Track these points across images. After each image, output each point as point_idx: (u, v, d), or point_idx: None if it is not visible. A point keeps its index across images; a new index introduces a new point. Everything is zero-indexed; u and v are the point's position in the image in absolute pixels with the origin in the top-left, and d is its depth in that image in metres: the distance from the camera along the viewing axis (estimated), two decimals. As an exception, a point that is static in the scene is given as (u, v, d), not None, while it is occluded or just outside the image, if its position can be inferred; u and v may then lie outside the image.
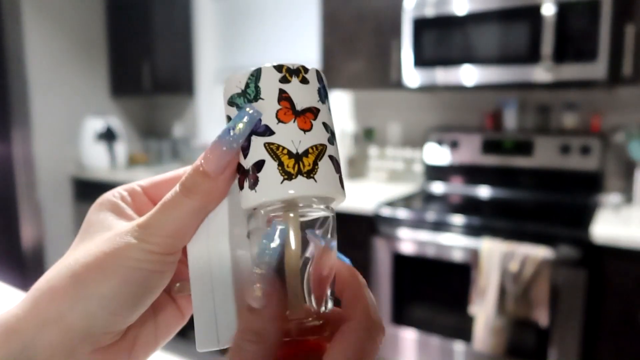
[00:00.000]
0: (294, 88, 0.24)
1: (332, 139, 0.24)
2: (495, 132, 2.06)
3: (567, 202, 1.90)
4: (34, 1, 2.68)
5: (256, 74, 0.24)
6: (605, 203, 1.78)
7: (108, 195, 0.27)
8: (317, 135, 0.24)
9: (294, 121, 0.23)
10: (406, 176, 2.36)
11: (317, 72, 0.25)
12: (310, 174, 0.23)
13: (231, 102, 0.24)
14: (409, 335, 1.82)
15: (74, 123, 2.89)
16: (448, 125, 2.25)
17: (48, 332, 0.22)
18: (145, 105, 3.32)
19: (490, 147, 2.06)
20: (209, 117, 3.07)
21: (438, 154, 2.18)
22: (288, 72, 0.24)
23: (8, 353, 0.22)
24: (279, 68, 0.24)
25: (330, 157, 0.24)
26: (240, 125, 0.23)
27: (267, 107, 0.23)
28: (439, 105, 2.29)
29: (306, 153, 0.23)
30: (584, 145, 1.87)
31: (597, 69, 1.59)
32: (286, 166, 0.23)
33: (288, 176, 0.23)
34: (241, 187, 0.24)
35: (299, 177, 0.23)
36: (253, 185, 0.23)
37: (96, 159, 2.89)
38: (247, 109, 0.23)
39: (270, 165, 0.23)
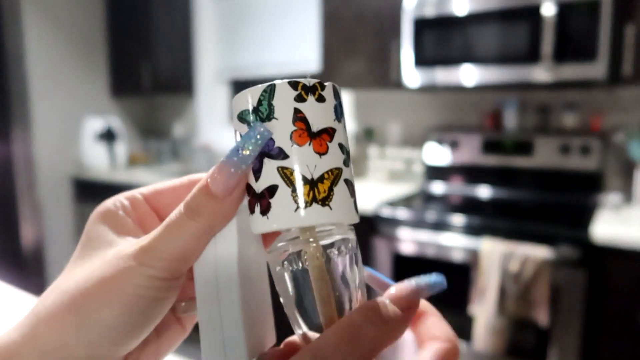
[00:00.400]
0: (310, 107, 0.22)
1: (347, 160, 0.23)
2: (495, 132, 2.06)
3: (567, 202, 1.90)
4: (34, 1, 2.68)
5: (270, 91, 0.22)
6: (605, 203, 1.78)
7: (108, 205, 0.26)
8: (333, 159, 0.22)
9: (310, 144, 0.22)
10: (406, 176, 2.36)
11: (334, 87, 0.24)
12: (325, 201, 0.22)
13: (241, 119, 0.23)
14: (408, 335, 1.82)
15: (74, 123, 2.90)
16: (448, 125, 2.25)
17: None
18: (145, 105, 3.33)
19: (490, 147, 2.06)
20: (209, 117, 3.07)
21: (438, 154, 2.18)
22: (304, 90, 0.22)
23: None
24: (294, 85, 0.22)
25: (346, 180, 0.23)
26: (250, 146, 0.22)
27: (281, 128, 0.22)
28: (439, 105, 2.29)
29: (322, 179, 0.22)
30: (584, 145, 1.87)
31: (597, 69, 1.59)
32: (300, 193, 0.22)
33: (302, 204, 0.21)
34: (252, 211, 0.22)
35: (314, 204, 0.22)
36: (265, 211, 0.22)
37: (96, 159, 2.89)
38: (258, 128, 0.22)
39: (284, 191, 0.22)
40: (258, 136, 0.22)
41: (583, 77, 1.62)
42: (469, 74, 1.83)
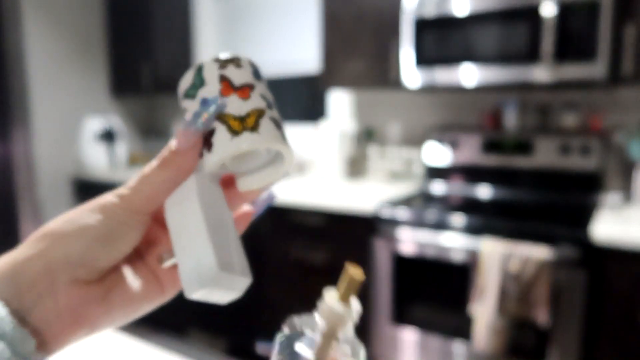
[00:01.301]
0: (230, 71, 0.29)
1: (271, 105, 0.29)
2: (495, 132, 2.06)
3: (567, 202, 1.90)
4: (34, 1, 2.68)
5: (200, 67, 0.29)
6: (605, 203, 1.78)
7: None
8: (256, 102, 0.29)
9: (234, 93, 0.28)
10: (406, 176, 2.36)
11: (250, 61, 0.30)
12: (254, 129, 0.28)
13: (186, 95, 0.29)
14: (409, 335, 1.82)
15: (74, 123, 2.90)
16: (448, 125, 2.25)
17: (33, 261, 0.26)
18: (145, 105, 3.33)
19: (490, 147, 2.06)
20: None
21: (438, 154, 2.18)
22: (224, 61, 0.29)
23: (1, 276, 0.26)
24: (216, 60, 0.29)
25: (272, 118, 0.29)
26: (206, 114, 0.28)
27: (212, 89, 0.28)
28: (439, 105, 2.29)
29: (248, 115, 0.28)
30: (584, 145, 1.87)
31: (597, 69, 1.59)
32: (233, 126, 0.28)
33: (235, 134, 0.27)
34: (201, 155, 0.29)
35: (245, 132, 0.28)
36: (209, 149, 0.28)
37: (96, 159, 2.89)
38: (214, 101, 0.28)
39: (220, 130, 0.28)
40: (215, 105, 0.28)
41: (583, 77, 1.62)
42: (469, 74, 1.83)
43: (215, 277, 0.26)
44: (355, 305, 0.27)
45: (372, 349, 1.91)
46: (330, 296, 0.27)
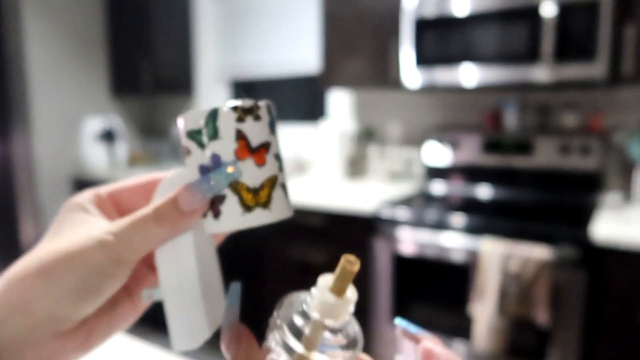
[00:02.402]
0: (248, 126, 0.26)
1: (281, 166, 0.28)
2: (495, 132, 2.06)
3: (567, 202, 1.90)
4: (34, 1, 2.68)
5: (214, 114, 0.26)
6: (605, 203, 1.78)
7: (77, 200, 0.29)
8: (270, 168, 0.27)
9: (250, 158, 0.26)
10: (406, 176, 2.36)
11: (268, 106, 0.28)
12: (266, 205, 0.27)
13: (191, 136, 0.27)
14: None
15: (74, 123, 2.90)
16: (448, 125, 2.25)
17: (15, 317, 0.24)
18: (145, 105, 3.33)
19: (490, 147, 2.06)
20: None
21: (438, 154, 2.18)
22: (243, 112, 0.26)
23: None
24: (234, 109, 0.26)
25: (282, 184, 0.28)
26: (221, 181, 0.26)
27: (226, 146, 0.26)
28: (439, 105, 2.29)
29: (262, 186, 0.27)
30: (584, 145, 1.87)
31: (597, 69, 1.59)
32: (245, 200, 0.26)
33: (247, 209, 0.26)
34: (204, 215, 0.27)
35: (257, 209, 0.26)
36: (217, 215, 0.27)
37: (96, 159, 2.89)
38: (229, 168, 0.26)
39: (232, 200, 0.26)
40: (230, 174, 0.26)
41: (583, 77, 1.62)
42: (469, 74, 1.83)
43: (205, 338, 0.27)
44: (352, 294, 0.26)
45: (372, 349, 1.91)
46: (322, 284, 0.26)
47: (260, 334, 0.29)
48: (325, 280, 0.26)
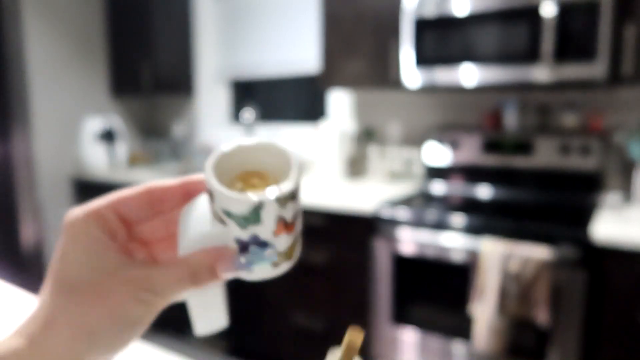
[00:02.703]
0: (288, 210, 0.28)
1: (300, 222, 0.30)
2: (495, 132, 2.06)
3: (567, 202, 1.90)
4: (34, 1, 2.68)
5: (260, 206, 0.27)
6: (605, 203, 1.78)
7: (81, 227, 0.29)
8: (297, 231, 0.30)
9: (284, 232, 0.28)
10: (406, 176, 2.36)
11: (301, 172, 0.30)
12: (290, 258, 0.30)
13: (228, 215, 0.28)
14: (409, 335, 1.82)
15: (74, 123, 2.90)
16: (448, 125, 2.25)
17: None
18: (145, 105, 3.33)
19: (490, 147, 2.06)
20: (208, 117, 3.07)
21: (438, 154, 2.18)
22: (285, 199, 0.28)
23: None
24: (278, 200, 0.27)
25: (300, 238, 0.31)
26: (259, 264, 0.29)
27: (266, 229, 0.28)
28: (439, 105, 2.29)
29: (290, 247, 0.29)
30: (584, 145, 1.87)
31: (597, 69, 1.59)
32: (277, 262, 0.29)
33: (276, 266, 0.29)
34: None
35: (284, 263, 0.30)
36: (248, 266, 0.29)
37: (96, 159, 2.89)
38: (268, 253, 0.28)
39: (265, 263, 0.29)
40: (267, 257, 0.29)
41: (583, 77, 1.62)
42: (469, 74, 1.83)
43: (224, 322, 0.32)
44: None
45: (372, 349, 1.91)
46: None
47: (261, 334, 0.31)
48: (335, 356, 0.30)
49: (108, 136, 2.91)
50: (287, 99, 2.90)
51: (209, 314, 0.32)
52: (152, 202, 0.31)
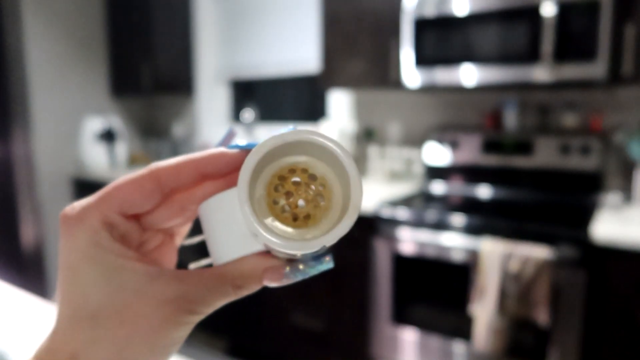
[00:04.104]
0: None
1: None
2: (495, 132, 2.06)
3: (567, 202, 1.90)
4: (34, 1, 2.68)
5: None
6: (605, 203, 1.78)
7: (91, 237, 0.24)
8: None
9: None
10: (406, 176, 2.36)
11: (360, 190, 0.27)
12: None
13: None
14: (409, 335, 1.82)
15: (74, 123, 2.90)
16: (448, 125, 2.25)
17: None
18: (145, 105, 3.33)
19: (490, 147, 2.06)
20: (208, 117, 3.07)
21: (438, 154, 2.18)
22: None
23: None
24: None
25: None
26: (312, 272, 0.26)
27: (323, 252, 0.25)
28: (439, 105, 2.29)
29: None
30: (584, 145, 1.87)
31: (597, 69, 1.59)
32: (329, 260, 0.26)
33: (327, 262, 0.27)
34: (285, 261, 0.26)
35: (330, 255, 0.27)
36: (302, 276, 0.26)
37: (96, 159, 2.89)
38: (326, 260, 0.25)
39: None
40: (323, 265, 0.26)
41: (583, 76, 1.62)
42: (469, 74, 1.83)
43: None
44: None
45: (372, 349, 1.91)
46: None
47: (261, 334, 0.29)
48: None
49: (108, 136, 2.91)
50: (287, 99, 2.90)
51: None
52: (160, 187, 0.26)
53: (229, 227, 0.26)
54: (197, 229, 0.29)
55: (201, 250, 0.28)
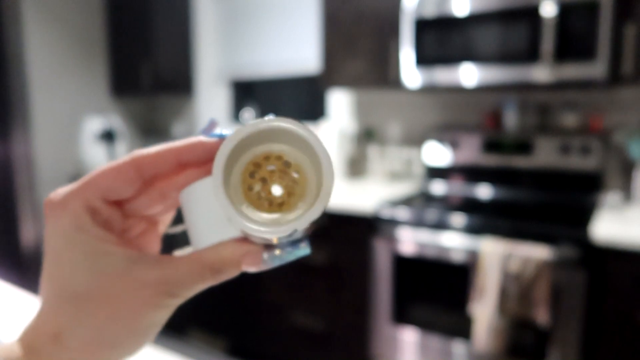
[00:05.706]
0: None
1: None
2: (495, 132, 2.06)
3: (567, 202, 1.90)
4: (34, 1, 2.68)
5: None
6: (605, 203, 1.78)
7: (71, 221, 0.25)
8: None
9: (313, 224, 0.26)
10: (406, 176, 2.36)
11: (331, 174, 0.27)
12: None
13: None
14: (409, 335, 1.82)
15: (74, 123, 2.90)
16: (448, 125, 2.25)
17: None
18: (145, 104, 3.33)
19: (490, 147, 2.06)
20: (208, 116, 3.07)
21: (438, 154, 2.18)
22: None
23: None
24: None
25: None
26: (289, 257, 0.26)
27: (298, 234, 0.25)
28: (439, 105, 2.29)
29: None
30: (584, 145, 1.87)
31: (597, 69, 1.59)
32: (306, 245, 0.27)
33: (304, 248, 0.27)
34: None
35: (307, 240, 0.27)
36: (279, 261, 0.27)
37: (96, 159, 2.89)
38: (303, 246, 0.26)
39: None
40: (299, 252, 0.26)
41: (583, 76, 1.62)
42: (469, 74, 1.83)
43: None
44: None
45: (372, 349, 1.91)
46: None
47: (261, 334, 0.29)
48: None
49: (108, 136, 2.91)
50: (287, 99, 2.90)
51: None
52: (141, 174, 0.26)
53: (208, 213, 0.26)
54: (181, 218, 0.30)
55: (187, 239, 0.29)
